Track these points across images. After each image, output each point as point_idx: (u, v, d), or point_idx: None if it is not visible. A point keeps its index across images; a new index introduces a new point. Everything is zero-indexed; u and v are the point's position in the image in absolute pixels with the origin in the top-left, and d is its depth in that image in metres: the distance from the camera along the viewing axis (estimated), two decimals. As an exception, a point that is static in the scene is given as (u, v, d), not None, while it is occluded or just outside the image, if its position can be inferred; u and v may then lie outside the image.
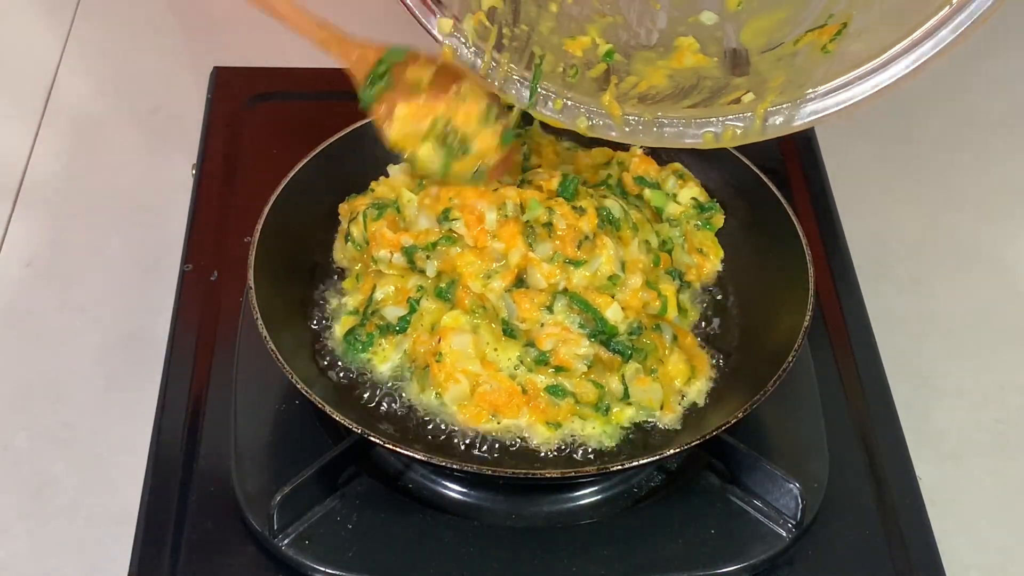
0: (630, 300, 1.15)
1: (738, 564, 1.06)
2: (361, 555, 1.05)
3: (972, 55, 1.81)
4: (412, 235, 1.17)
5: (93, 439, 1.29)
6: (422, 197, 1.18)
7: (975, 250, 1.53)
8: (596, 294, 1.13)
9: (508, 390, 1.12)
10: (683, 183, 1.28)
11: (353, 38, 1.14)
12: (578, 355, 1.12)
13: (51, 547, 1.20)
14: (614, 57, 1.13)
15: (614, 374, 1.12)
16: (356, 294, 1.20)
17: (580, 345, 1.12)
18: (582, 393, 1.11)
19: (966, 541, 1.23)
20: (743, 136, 1.14)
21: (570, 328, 1.13)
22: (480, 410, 1.11)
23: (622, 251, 1.16)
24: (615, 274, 1.14)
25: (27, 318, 1.41)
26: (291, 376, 1.06)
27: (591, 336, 1.12)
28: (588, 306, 1.13)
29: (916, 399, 1.31)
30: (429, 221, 1.17)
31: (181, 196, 1.40)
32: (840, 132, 1.62)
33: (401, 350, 1.16)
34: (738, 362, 1.17)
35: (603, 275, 1.14)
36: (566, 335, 1.12)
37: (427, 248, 1.16)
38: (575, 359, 1.12)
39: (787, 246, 1.19)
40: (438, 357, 1.12)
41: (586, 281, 1.14)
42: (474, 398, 1.12)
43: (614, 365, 1.13)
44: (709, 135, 1.14)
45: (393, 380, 1.15)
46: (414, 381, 1.14)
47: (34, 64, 1.72)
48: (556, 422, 1.11)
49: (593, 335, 1.12)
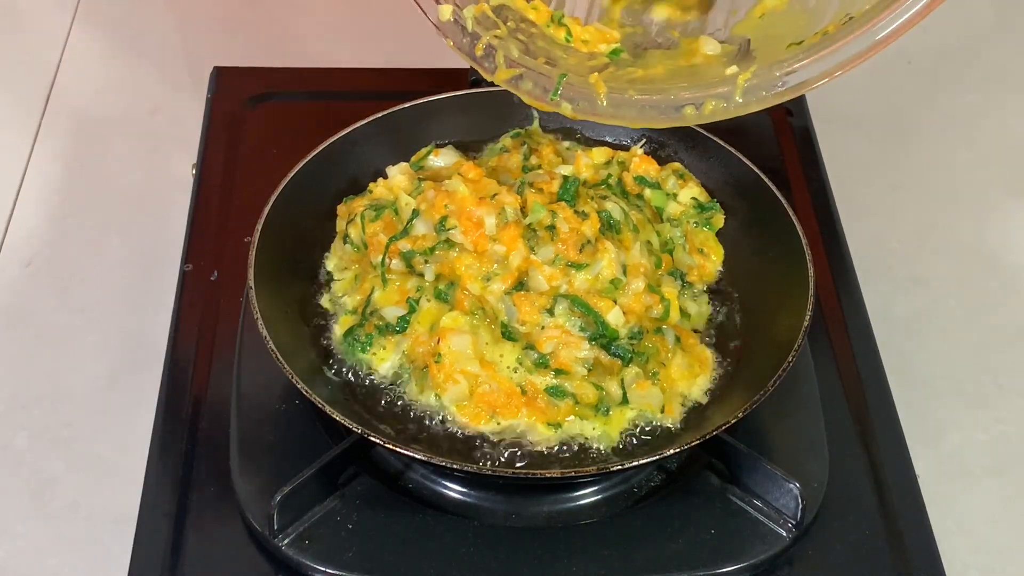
0: (632, 304, 1.14)
1: (738, 564, 1.06)
2: (361, 555, 1.05)
3: (972, 55, 1.81)
4: (410, 240, 1.17)
5: (93, 439, 1.29)
6: (419, 201, 1.18)
7: (975, 250, 1.53)
8: (597, 298, 1.13)
9: (507, 391, 1.12)
10: (683, 183, 1.28)
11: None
12: (578, 358, 1.12)
13: (51, 547, 1.20)
14: (620, 55, 1.12)
15: (614, 378, 1.12)
16: (355, 294, 1.20)
17: (580, 348, 1.12)
18: (582, 394, 1.11)
19: (966, 541, 1.23)
20: (724, 111, 1.12)
21: (571, 331, 1.13)
22: (479, 410, 1.11)
23: (623, 255, 1.16)
24: (617, 278, 1.14)
25: (27, 318, 1.41)
26: (291, 376, 1.06)
27: (591, 339, 1.12)
28: (589, 309, 1.13)
29: (916, 399, 1.31)
30: (426, 227, 1.17)
31: (181, 196, 1.40)
32: (840, 132, 1.62)
33: (400, 350, 1.16)
34: (738, 362, 1.17)
35: (604, 279, 1.14)
36: (567, 338, 1.12)
37: (425, 253, 1.16)
38: (575, 362, 1.12)
39: (787, 246, 1.19)
40: (437, 358, 1.12)
41: (587, 285, 1.14)
42: (473, 398, 1.12)
43: (614, 369, 1.13)
44: (690, 110, 1.12)
45: (393, 380, 1.15)
46: (413, 381, 1.14)
47: (34, 64, 1.72)
48: (556, 422, 1.11)
49: (593, 338, 1.12)
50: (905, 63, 1.79)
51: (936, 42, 1.83)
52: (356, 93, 1.50)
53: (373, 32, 1.78)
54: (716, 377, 1.16)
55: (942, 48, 1.82)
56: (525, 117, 1.34)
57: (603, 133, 1.36)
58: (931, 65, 1.80)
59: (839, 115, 1.67)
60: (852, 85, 1.74)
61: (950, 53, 1.82)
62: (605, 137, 1.36)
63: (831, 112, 1.64)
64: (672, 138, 1.33)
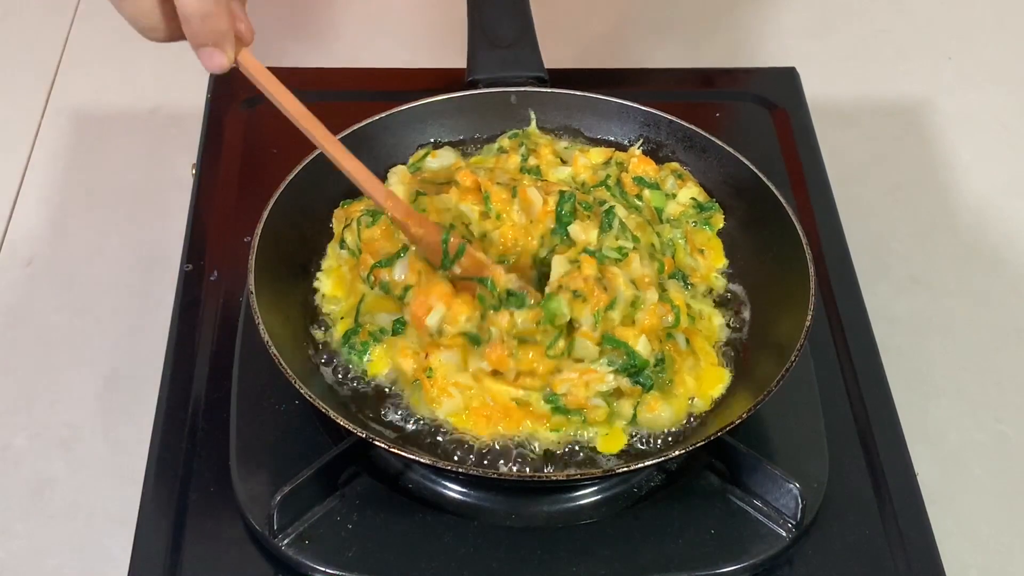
0: (650, 319, 1.11)
1: (738, 564, 1.06)
2: (361, 555, 1.05)
3: (972, 55, 1.81)
4: (390, 277, 1.15)
5: (93, 439, 1.29)
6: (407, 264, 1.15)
7: (975, 250, 1.53)
8: (623, 328, 1.09)
9: (505, 405, 1.09)
10: (682, 183, 1.28)
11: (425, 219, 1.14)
12: (599, 392, 1.08)
13: (51, 547, 1.20)
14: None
15: (629, 399, 1.10)
16: (351, 297, 1.19)
17: (605, 382, 1.08)
18: (592, 417, 1.09)
19: (966, 541, 1.23)
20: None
21: (595, 368, 1.08)
22: (478, 419, 1.09)
23: (629, 271, 1.13)
24: (636, 296, 1.11)
25: (27, 318, 1.41)
26: (293, 380, 1.05)
27: (620, 371, 1.08)
28: (618, 343, 1.08)
29: (916, 399, 1.31)
30: (403, 270, 1.15)
31: (181, 196, 1.40)
32: (840, 132, 1.62)
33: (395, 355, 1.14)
34: (739, 362, 1.17)
35: (626, 304, 1.10)
36: (589, 376, 1.08)
37: (403, 294, 1.14)
38: (593, 396, 1.08)
39: (787, 246, 1.19)
40: (428, 372, 1.10)
41: (616, 318, 1.10)
42: (470, 411, 1.10)
43: (633, 394, 1.09)
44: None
45: (393, 381, 1.14)
46: (407, 393, 1.12)
47: (34, 64, 1.72)
48: (558, 428, 1.10)
49: (623, 370, 1.08)
50: (905, 63, 1.80)
51: (936, 42, 1.84)
52: (356, 93, 1.50)
53: (372, 32, 1.78)
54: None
55: (942, 48, 1.82)
56: (523, 118, 1.34)
57: (602, 133, 1.35)
58: (931, 65, 1.80)
59: (839, 115, 1.67)
60: (852, 85, 1.75)
61: (950, 53, 1.82)
62: (604, 136, 1.35)
63: (831, 112, 1.64)
64: (670, 138, 1.33)
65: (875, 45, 1.83)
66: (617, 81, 1.56)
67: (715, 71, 1.64)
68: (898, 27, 1.86)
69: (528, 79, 1.36)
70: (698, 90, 1.58)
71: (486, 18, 1.39)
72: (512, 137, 1.33)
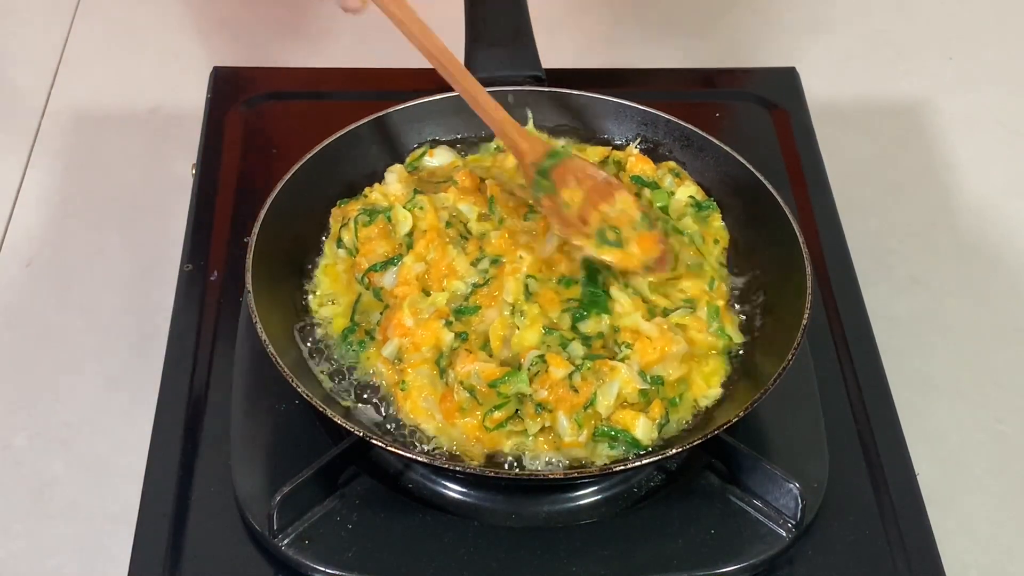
0: (657, 346, 1.09)
1: (738, 564, 1.06)
2: (361, 555, 1.05)
3: (973, 55, 1.81)
4: (383, 285, 1.16)
5: (93, 439, 1.29)
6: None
7: (975, 250, 1.53)
8: (620, 411, 1.06)
9: (480, 437, 1.07)
10: (679, 181, 1.28)
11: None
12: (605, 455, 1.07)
13: (51, 547, 1.20)
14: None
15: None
16: (348, 295, 1.18)
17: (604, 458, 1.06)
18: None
19: (966, 541, 1.23)
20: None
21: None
22: (466, 434, 1.07)
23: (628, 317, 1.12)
24: (642, 390, 1.07)
25: (27, 318, 1.41)
26: (291, 379, 1.05)
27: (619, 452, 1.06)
28: (618, 433, 1.06)
29: (916, 399, 1.32)
30: (392, 280, 1.16)
31: (181, 196, 1.40)
32: (840, 132, 1.62)
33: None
34: (738, 362, 1.17)
35: (625, 395, 1.07)
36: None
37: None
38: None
39: (784, 243, 1.19)
40: (402, 386, 1.09)
41: (606, 409, 1.06)
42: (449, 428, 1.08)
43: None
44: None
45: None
46: (393, 400, 1.11)
47: (34, 64, 1.72)
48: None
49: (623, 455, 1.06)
50: (905, 63, 1.80)
51: (937, 42, 1.84)
52: (355, 93, 1.50)
53: (371, 32, 1.78)
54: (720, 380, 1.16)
55: (943, 48, 1.82)
56: (520, 117, 1.34)
57: (598, 132, 1.35)
58: (931, 65, 1.80)
59: (839, 115, 1.67)
60: (852, 85, 1.75)
61: (950, 53, 1.82)
62: (601, 136, 1.35)
63: (831, 112, 1.64)
64: (667, 137, 1.32)
65: (875, 45, 1.83)
66: (616, 81, 1.56)
67: (715, 71, 1.64)
68: (898, 27, 1.86)
69: (525, 78, 1.36)
70: (698, 90, 1.58)
71: (483, 17, 1.39)
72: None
